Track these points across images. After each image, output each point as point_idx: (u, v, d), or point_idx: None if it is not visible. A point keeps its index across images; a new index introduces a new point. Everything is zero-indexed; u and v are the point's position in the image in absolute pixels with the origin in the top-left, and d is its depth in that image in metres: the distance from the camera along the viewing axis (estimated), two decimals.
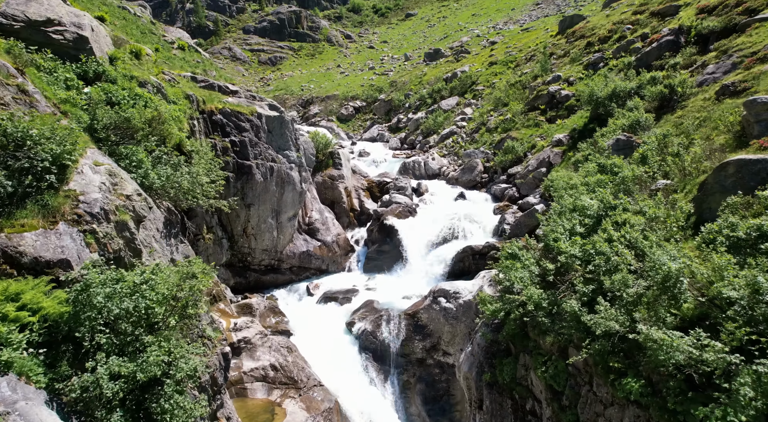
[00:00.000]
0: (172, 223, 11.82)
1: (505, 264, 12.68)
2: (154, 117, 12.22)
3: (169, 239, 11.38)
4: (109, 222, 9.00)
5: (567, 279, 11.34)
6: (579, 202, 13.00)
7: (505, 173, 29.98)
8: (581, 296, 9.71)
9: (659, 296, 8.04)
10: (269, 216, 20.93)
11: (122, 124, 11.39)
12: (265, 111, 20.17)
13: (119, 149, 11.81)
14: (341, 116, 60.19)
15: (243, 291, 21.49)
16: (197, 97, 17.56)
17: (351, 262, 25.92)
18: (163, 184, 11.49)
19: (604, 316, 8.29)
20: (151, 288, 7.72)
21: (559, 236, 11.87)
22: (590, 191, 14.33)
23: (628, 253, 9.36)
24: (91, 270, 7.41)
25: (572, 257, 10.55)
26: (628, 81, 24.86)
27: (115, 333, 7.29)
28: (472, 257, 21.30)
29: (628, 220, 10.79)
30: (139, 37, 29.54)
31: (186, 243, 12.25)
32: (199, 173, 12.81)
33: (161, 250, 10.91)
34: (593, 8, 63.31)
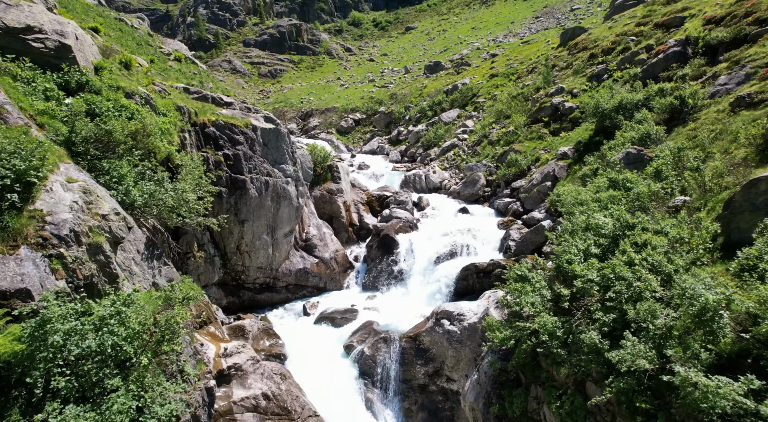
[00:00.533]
0: (155, 244, 10.95)
1: (514, 287, 11.77)
2: (138, 129, 11.44)
3: (152, 261, 10.51)
4: (80, 246, 8.13)
5: (582, 304, 10.44)
6: (592, 221, 12.15)
7: (508, 187, 29.19)
8: (601, 326, 8.80)
9: (693, 330, 7.13)
10: (264, 232, 20.06)
11: (103, 137, 10.60)
12: (261, 123, 19.44)
13: (101, 164, 11.02)
14: (341, 129, 59.69)
15: (236, 311, 20.52)
16: (189, 108, 16.83)
17: (350, 280, 24.98)
18: (146, 202, 10.65)
19: (631, 353, 7.37)
20: (120, 323, 6.82)
21: (573, 258, 10.99)
22: (603, 208, 13.49)
23: (652, 279, 8.47)
24: (51, 303, 6.52)
25: (589, 282, 9.66)
26: (634, 92, 24.21)
27: (76, 376, 6.37)
28: (476, 275, 20.37)
29: (649, 241, 9.93)
30: (135, 48, 29.04)
31: (170, 266, 11.35)
32: (185, 190, 11.98)
33: (142, 274, 10.02)
34: (593, 21, 63.31)
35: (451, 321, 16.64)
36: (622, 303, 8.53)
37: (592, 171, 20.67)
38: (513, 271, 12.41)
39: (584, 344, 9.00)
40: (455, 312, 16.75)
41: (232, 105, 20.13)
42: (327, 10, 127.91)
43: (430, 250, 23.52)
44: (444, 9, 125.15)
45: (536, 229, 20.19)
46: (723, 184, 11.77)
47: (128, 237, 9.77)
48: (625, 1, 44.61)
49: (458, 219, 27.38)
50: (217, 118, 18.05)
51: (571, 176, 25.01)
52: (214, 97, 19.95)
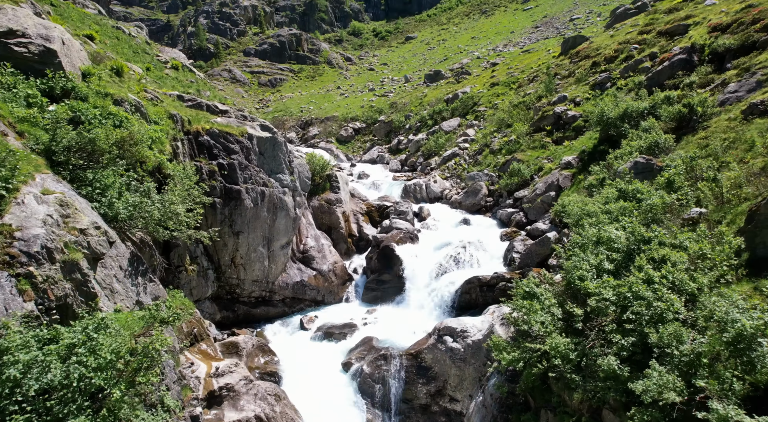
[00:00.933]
0: (141, 259, 10.28)
1: (522, 304, 11.08)
2: (123, 138, 10.84)
3: (136, 278, 9.83)
4: (54, 263, 7.47)
5: (596, 324, 9.75)
6: (604, 234, 11.50)
7: (511, 197, 28.57)
8: (619, 350, 8.10)
9: (726, 357, 6.44)
10: (260, 244, 19.38)
11: (86, 145, 9.99)
12: (257, 132, 18.86)
13: (85, 174, 10.39)
14: (341, 138, 59.27)
15: (231, 326, 19.77)
16: (182, 116, 16.26)
17: (349, 292, 24.25)
18: (130, 214, 10.01)
19: (657, 383, 6.67)
20: (90, 351, 6.13)
21: (585, 274, 10.31)
22: (614, 220, 12.84)
23: (675, 299, 7.79)
24: (11, 330, 5.84)
25: (604, 301, 8.98)
26: (640, 101, 23.70)
27: (37, 413, 5.67)
28: (480, 289, 19.65)
29: (668, 257, 9.26)
30: (131, 56, 28.63)
31: (156, 282, 10.67)
32: (173, 201, 11.34)
33: (125, 292, 9.34)
34: (594, 30, 63.18)
35: (454, 338, 15.91)
36: (642, 326, 7.85)
37: (599, 181, 20.06)
38: (520, 287, 11.72)
39: (601, 369, 8.30)
40: (458, 328, 16.02)
41: (227, 113, 19.58)
42: (327, 20, 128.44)
43: (432, 262, 22.83)
44: (444, 19, 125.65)
45: (541, 241, 19.52)
46: (742, 195, 11.14)
47: (110, 253, 9.11)
48: (626, 10, 44.41)
49: (460, 229, 26.71)
50: (211, 126, 17.48)
51: (575, 186, 24.42)
52: (209, 105, 19.40)
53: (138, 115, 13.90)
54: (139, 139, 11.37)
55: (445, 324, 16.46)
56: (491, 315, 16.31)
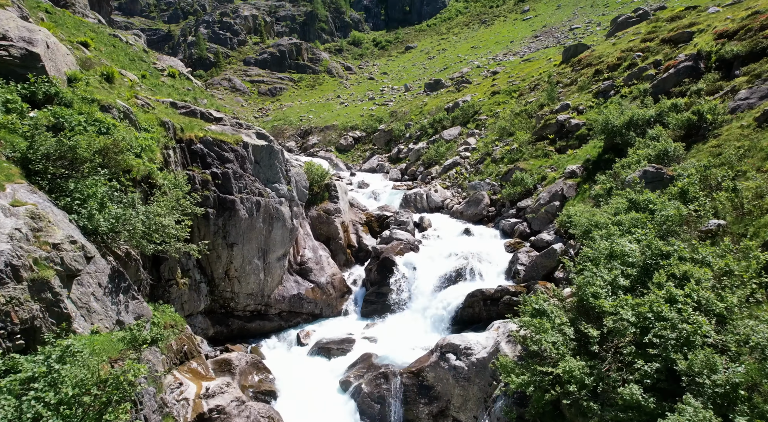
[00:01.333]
0: (123, 275, 9.59)
1: (531, 322, 10.37)
2: (107, 145, 10.21)
3: (117, 295, 9.14)
4: (20, 282, 6.79)
5: (612, 345, 9.04)
6: (617, 247, 10.82)
7: (514, 207, 27.92)
8: (641, 377, 7.38)
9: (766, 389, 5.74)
10: (255, 256, 18.68)
11: (66, 153, 9.36)
12: (252, 140, 18.26)
13: (66, 184, 9.75)
14: (340, 146, 58.80)
15: (225, 342, 18.98)
16: (174, 124, 15.66)
17: (347, 305, 23.48)
18: (112, 227, 9.35)
19: (692, 420, 5.94)
20: (50, 385, 5.42)
21: (599, 291, 9.62)
22: (626, 232, 12.17)
23: (704, 321, 7.10)
24: None
25: (622, 321, 8.28)
26: (645, 108, 23.16)
27: None
28: (483, 303, 18.91)
29: (690, 273, 8.58)
30: (127, 63, 28.17)
31: (140, 300, 9.95)
32: (158, 213, 10.67)
33: (103, 311, 8.64)
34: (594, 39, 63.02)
35: (458, 356, 15.13)
36: (667, 351, 7.13)
37: (606, 190, 19.42)
38: (529, 304, 11.01)
39: (621, 398, 7.57)
40: (462, 345, 15.26)
41: (222, 120, 19.00)
42: (327, 30, 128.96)
43: (433, 274, 22.10)
44: (443, 29, 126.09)
45: (547, 253, 18.82)
46: (764, 206, 10.48)
47: (87, 269, 8.42)
48: (627, 18, 44.17)
49: (462, 240, 26.01)
50: (205, 134, 16.88)
51: (580, 195, 23.78)
52: (203, 112, 18.82)
53: (127, 122, 13.29)
54: (124, 146, 10.74)
55: (448, 341, 15.70)
56: (496, 332, 15.56)
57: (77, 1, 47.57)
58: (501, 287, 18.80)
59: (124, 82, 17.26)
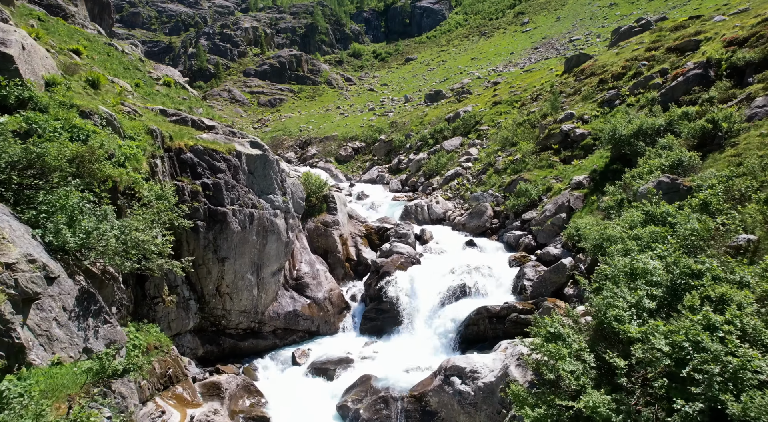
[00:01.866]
0: (93, 297, 8.64)
1: (547, 348, 9.39)
2: (81, 153, 9.36)
3: (85, 319, 8.19)
4: None
5: (640, 376, 8.06)
6: (638, 264, 9.88)
7: (518, 219, 27.00)
8: (683, 419, 6.39)
9: None
10: (248, 271, 17.72)
11: (33, 161, 8.49)
12: (246, 149, 17.43)
13: (36, 195, 8.86)
14: (340, 157, 58.12)
15: (215, 362, 17.91)
16: (162, 132, 14.83)
17: (345, 322, 22.44)
18: (82, 243, 8.44)
19: None
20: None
21: (622, 314, 8.66)
22: (646, 248, 11.25)
23: (756, 355, 6.14)
24: None
25: (653, 351, 7.31)
26: (654, 117, 22.39)
27: None
28: (489, 320, 17.90)
29: (729, 296, 7.64)
30: (121, 71, 27.55)
31: (113, 324, 8.97)
32: (135, 227, 9.75)
33: (68, 338, 7.68)
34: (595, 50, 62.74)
35: (463, 380, 14.09)
36: (713, 389, 6.16)
37: (616, 202, 18.53)
38: (543, 327, 10.04)
39: None
40: (467, 368, 14.22)
41: (214, 129, 18.20)
42: (328, 42, 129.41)
43: (435, 290, 21.10)
44: (443, 41, 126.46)
45: (556, 268, 17.85)
46: None
47: (50, 291, 7.49)
48: (630, 28, 43.76)
49: (465, 253, 25.04)
50: (195, 142, 16.04)
51: (588, 207, 22.91)
52: (195, 120, 18.02)
53: (110, 130, 12.45)
54: (101, 155, 9.88)
55: (453, 363, 14.66)
56: (504, 353, 14.54)
57: (77, 13, 47.32)
58: (507, 304, 17.80)
59: (112, 88, 16.50)
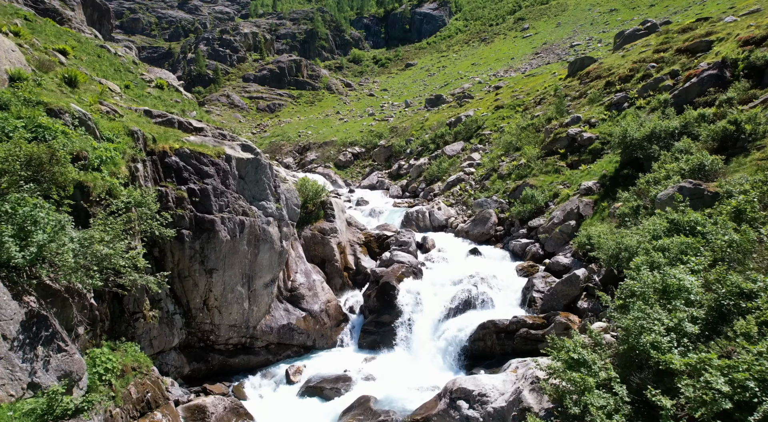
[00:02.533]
0: (43, 321, 7.46)
1: (571, 377, 8.21)
2: (38, 155, 8.23)
3: (33, 348, 7.02)
4: None
5: (684, 415, 6.88)
6: (672, 281, 8.72)
7: (524, 226, 25.85)
8: None
9: None
10: (238, 283, 16.53)
11: None
12: (236, 152, 16.32)
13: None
14: (339, 163, 57.05)
15: (203, 380, 16.67)
16: (144, 133, 13.71)
17: (343, 335, 21.21)
18: (32, 259, 7.31)
19: None
20: None
21: (660, 340, 7.49)
22: (676, 260, 10.09)
23: None
24: None
25: (709, 391, 6.13)
26: (668, 120, 21.31)
27: None
28: (496, 336, 16.69)
29: None
30: (111, 73, 26.55)
31: (68, 352, 7.74)
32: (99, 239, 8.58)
33: (8, 373, 6.50)
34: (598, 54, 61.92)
35: (471, 404, 12.86)
36: None
37: (632, 209, 17.41)
38: (564, 352, 8.86)
39: None
40: (475, 391, 12.99)
41: (203, 131, 17.09)
42: (327, 48, 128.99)
43: (438, 302, 19.91)
44: (443, 46, 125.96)
45: (569, 280, 16.67)
46: None
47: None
48: (635, 31, 42.87)
49: (469, 262, 23.87)
50: (181, 145, 14.93)
51: (598, 214, 21.78)
52: (182, 122, 16.92)
53: (83, 130, 11.34)
54: (62, 157, 8.76)
55: (459, 385, 13.43)
56: (515, 374, 13.32)
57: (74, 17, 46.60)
58: (516, 318, 16.59)
59: (94, 88, 15.41)
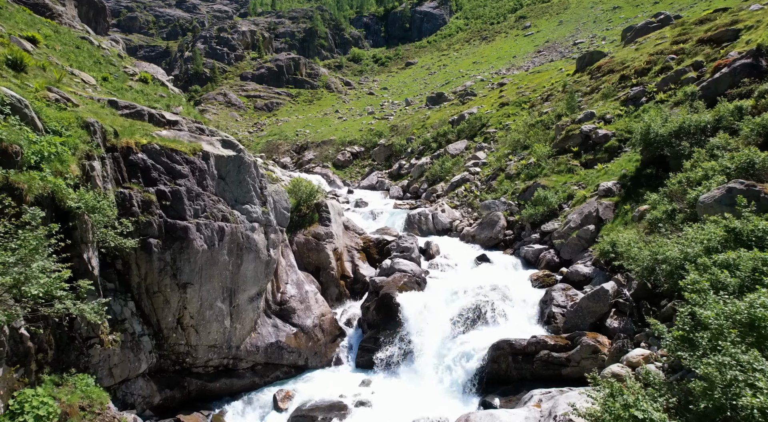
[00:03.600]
0: None
1: None
2: None
3: None
4: None
5: None
6: (761, 312, 6.69)
7: (536, 230, 23.80)
8: None
9: None
10: (218, 298, 14.48)
11: None
12: (216, 149, 14.27)
13: None
14: (337, 162, 55.05)
15: (177, 409, 14.61)
16: (104, 126, 11.67)
17: (339, 352, 19.16)
18: None
19: None
20: None
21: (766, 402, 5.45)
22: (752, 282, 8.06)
23: None
24: None
25: None
26: (697, 113, 19.29)
27: None
28: (512, 358, 14.64)
29: None
30: (89, 65, 24.57)
31: None
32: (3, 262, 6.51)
33: None
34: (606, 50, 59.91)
35: None
36: None
37: (666, 213, 15.39)
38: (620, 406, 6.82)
39: None
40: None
41: (177, 124, 15.04)
42: (327, 47, 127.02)
43: (445, 316, 17.87)
44: (444, 45, 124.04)
45: (596, 295, 14.59)
46: None
47: None
48: (647, 24, 40.89)
49: (477, 270, 21.85)
50: (150, 140, 12.88)
51: (620, 218, 19.77)
52: (153, 114, 14.86)
53: (17, 119, 9.31)
54: None
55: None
56: (538, 409, 11.30)
57: (64, 13, 44.53)
58: (536, 338, 14.53)
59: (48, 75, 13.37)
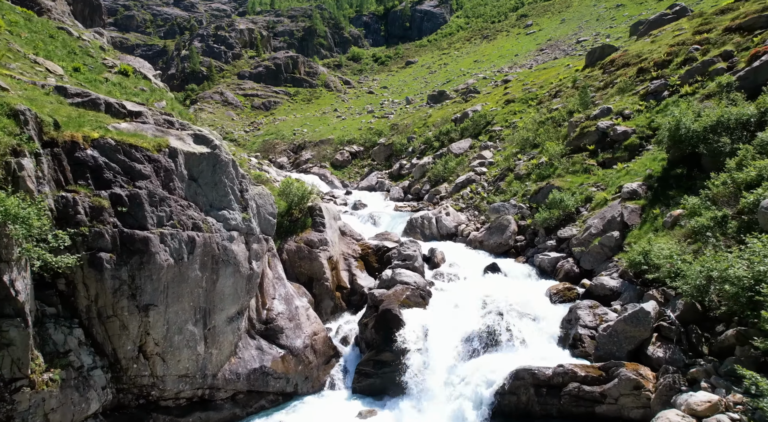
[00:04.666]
0: None
1: None
2: None
3: None
4: None
5: None
6: None
7: (551, 236, 21.65)
8: None
9: None
10: (189, 320, 12.31)
11: None
12: (187, 145, 12.11)
13: None
14: (336, 162, 52.93)
15: None
16: (40, 116, 9.53)
17: (334, 374, 17.01)
18: None
19: None
20: None
21: None
22: None
23: None
24: None
25: None
26: (735, 106, 17.17)
27: None
28: (534, 390, 12.46)
29: None
30: (61, 55, 22.53)
31: None
32: None
33: None
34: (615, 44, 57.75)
35: None
36: None
37: (714, 220, 13.24)
38: None
39: None
40: None
41: (141, 116, 12.85)
42: (326, 46, 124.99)
43: (454, 336, 15.70)
44: (444, 44, 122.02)
45: (634, 317, 12.35)
46: None
47: None
48: (662, 16, 38.80)
49: (487, 281, 19.64)
50: (104, 134, 10.72)
51: (649, 223, 17.64)
52: (111, 104, 12.66)
53: None
54: None
55: None
56: None
57: (54, 8, 42.46)
58: (563, 368, 12.34)
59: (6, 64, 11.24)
